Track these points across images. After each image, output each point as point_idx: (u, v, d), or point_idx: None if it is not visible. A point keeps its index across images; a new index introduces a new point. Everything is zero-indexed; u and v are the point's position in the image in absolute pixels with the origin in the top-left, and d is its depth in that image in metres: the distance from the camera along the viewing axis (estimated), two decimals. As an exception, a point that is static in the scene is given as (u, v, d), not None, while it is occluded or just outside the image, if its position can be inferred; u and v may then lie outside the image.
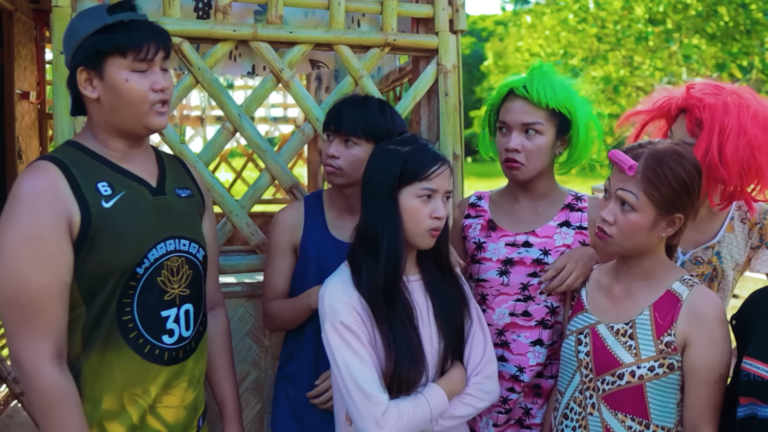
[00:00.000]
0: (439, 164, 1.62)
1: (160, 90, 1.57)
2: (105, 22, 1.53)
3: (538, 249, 1.94)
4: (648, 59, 10.85)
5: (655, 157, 1.60)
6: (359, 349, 1.58)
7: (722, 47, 10.22)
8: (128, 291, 1.57)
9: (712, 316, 1.59)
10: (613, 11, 10.88)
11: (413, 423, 1.57)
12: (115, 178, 1.59)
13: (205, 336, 1.79)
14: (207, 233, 1.81)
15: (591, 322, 1.74)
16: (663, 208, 1.60)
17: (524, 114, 1.89)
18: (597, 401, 1.68)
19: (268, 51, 2.21)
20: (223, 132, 2.22)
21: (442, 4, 2.40)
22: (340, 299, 1.62)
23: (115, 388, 1.58)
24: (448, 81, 2.42)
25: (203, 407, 1.81)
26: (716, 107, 1.83)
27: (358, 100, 1.94)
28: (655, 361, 1.62)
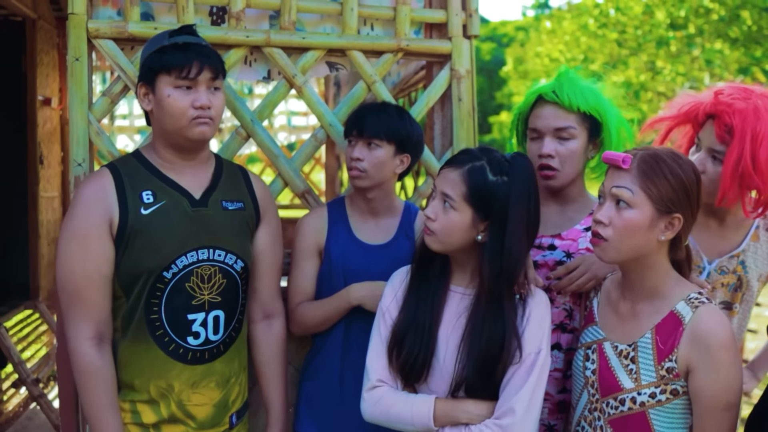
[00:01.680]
0: (447, 165, 1.63)
1: (199, 107, 1.72)
2: (162, 44, 1.74)
3: (562, 251, 1.93)
4: (670, 64, 10.73)
5: (650, 153, 1.56)
6: (382, 330, 1.70)
7: (745, 51, 10.08)
8: (156, 292, 1.73)
9: (715, 341, 1.49)
10: (634, 16, 10.79)
11: (390, 414, 1.62)
12: (160, 188, 1.77)
13: (238, 341, 1.89)
14: (261, 244, 1.94)
15: (599, 338, 1.69)
16: (661, 205, 1.53)
17: (556, 119, 1.89)
18: (605, 425, 1.63)
19: (281, 57, 2.22)
20: (236, 137, 2.23)
21: (456, 10, 2.39)
22: (391, 283, 1.76)
23: (143, 376, 1.76)
24: (461, 86, 2.41)
25: (240, 405, 1.91)
26: (747, 112, 1.77)
27: (378, 106, 2.02)
28: (656, 387, 1.55)
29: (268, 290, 1.98)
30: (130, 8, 2.09)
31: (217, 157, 1.93)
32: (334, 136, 2.27)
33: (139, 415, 1.76)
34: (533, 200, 1.59)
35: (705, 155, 1.85)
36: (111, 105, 2.11)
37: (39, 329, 4.75)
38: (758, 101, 1.80)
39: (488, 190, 1.55)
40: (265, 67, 2.30)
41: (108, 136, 2.11)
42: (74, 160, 2.03)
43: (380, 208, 2.05)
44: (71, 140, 2.05)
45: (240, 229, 1.86)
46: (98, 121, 2.08)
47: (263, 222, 1.94)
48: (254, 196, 1.92)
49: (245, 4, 2.19)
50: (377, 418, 1.65)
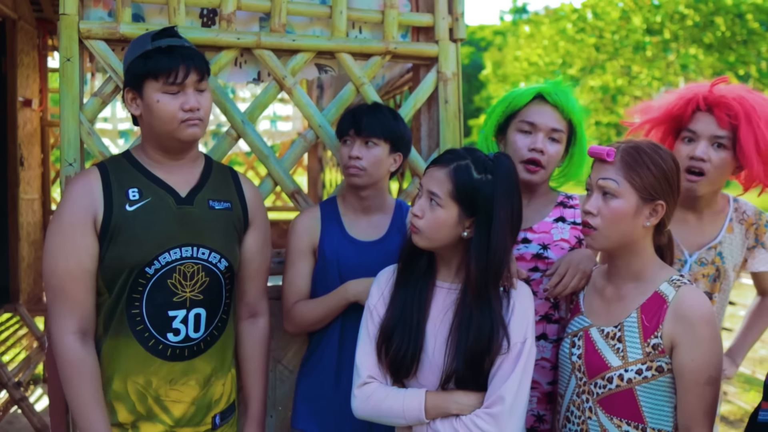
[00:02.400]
0: (432, 165, 1.69)
1: (189, 110, 1.73)
2: (145, 48, 1.74)
3: (537, 244, 2.00)
4: (646, 69, 10.92)
5: (632, 145, 1.65)
6: (370, 327, 1.73)
7: (719, 57, 10.29)
8: (137, 288, 1.75)
9: (697, 317, 1.57)
10: (611, 21, 10.96)
11: (382, 409, 1.65)
12: (147, 186, 1.79)
13: (221, 340, 1.89)
14: (251, 247, 1.95)
15: (585, 325, 1.76)
16: (644, 193, 1.62)
17: (554, 120, 1.99)
18: (593, 405, 1.69)
19: (271, 58, 2.25)
20: (226, 138, 2.26)
21: (442, 14, 2.44)
22: (377, 283, 1.80)
23: (122, 372, 1.77)
24: (448, 88, 2.45)
25: (225, 407, 1.91)
26: (740, 98, 1.93)
27: (372, 106, 2.07)
28: (642, 364, 1.61)
29: (256, 292, 2.01)
30: (121, 9, 2.11)
31: (206, 157, 1.95)
32: (324, 137, 2.30)
33: (115, 413, 1.76)
34: (516, 197, 1.66)
35: (707, 145, 1.96)
36: (102, 105, 2.13)
37: (19, 332, 4.71)
38: (736, 90, 1.96)
39: (473, 187, 1.61)
40: (255, 69, 2.33)
41: (99, 136, 2.12)
42: (65, 159, 2.04)
43: (373, 206, 2.10)
44: (62, 140, 2.06)
45: (226, 228, 1.87)
46: (90, 121, 2.09)
47: (253, 226, 1.95)
48: (243, 197, 1.94)
49: (236, 7, 2.21)
50: (368, 413, 1.68)
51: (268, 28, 2.29)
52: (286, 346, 2.28)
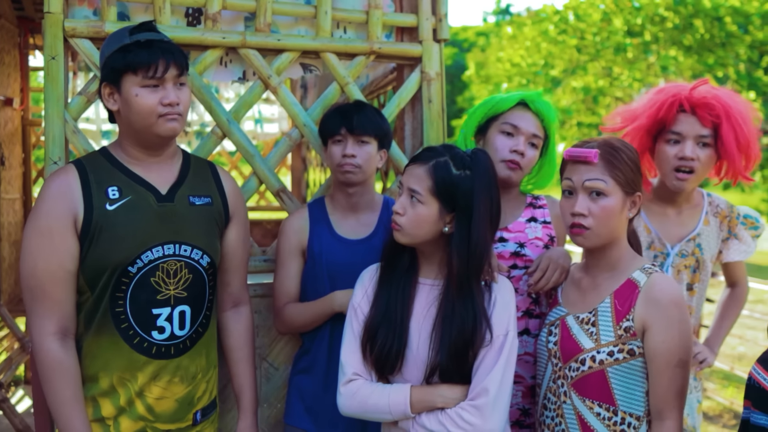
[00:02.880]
0: (412, 162, 1.72)
1: (168, 104, 1.72)
2: (123, 42, 1.71)
3: (514, 243, 2.06)
4: (627, 70, 11.03)
5: (607, 144, 1.72)
6: (354, 325, 1.75)
7: (698, 59, 10.42)
8: (121, 286, 1.74)
9: (667, 300, 1.64)
10: (593, 23, 11.06)
11: (368, 405, 1.67)
12: (126, 184, 1.77)
13: (205, 336, 1.90)
14: (233, 241, 1.96)
15: (561, 314, 1.81)
16: (628, 187, 1.70)
17: (534, 127, 2.06)
18: (568, 389, 1.73)
19: (256, 58, 2.26)
20: (211, 137, 2.26)
21: (426, 14, 2.46)
22: (361, 282, 1.82)
23: (108, 369, 1.76)
24: (431, 88, 2.48)
25: (206, 403, 1.91)
26: (718, 96, 2.05)
27: (358, 105, 2.10)
28: (614, 346, 1.67)
29: (239, 283, 2.03)
30: (106, 8, 2.11)
31: (184, 152, 1.94)
32: (309, 136, 2.32)
33: (99, 408, 1.75)
34: (495, 192, 1.69)
35: (693, 144, 2.08)
36: (87, 104, 2.13)
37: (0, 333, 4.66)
38: (712, 90, 2.07)
39: (453, 183, 1.64)
40: (240, 68, 2.34)
41: (84, 135, 2.12)
42: (50, 158, 2.04)
43: (362, 203, 2.12)
44: (46, 138, 2.06)
45: (207, 224, 1.87)
46: (74, 119, 2.09)
47: (234, 219, 1.96)
48: (223, 192, 1.94)
49: (221, 6, 2.23)
50: (354, 410, 1.70)
51: (253, 27, 2.30)
52: (272, 344, 2.30)
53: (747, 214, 2.30)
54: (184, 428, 1.85)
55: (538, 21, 12.81)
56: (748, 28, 10.15)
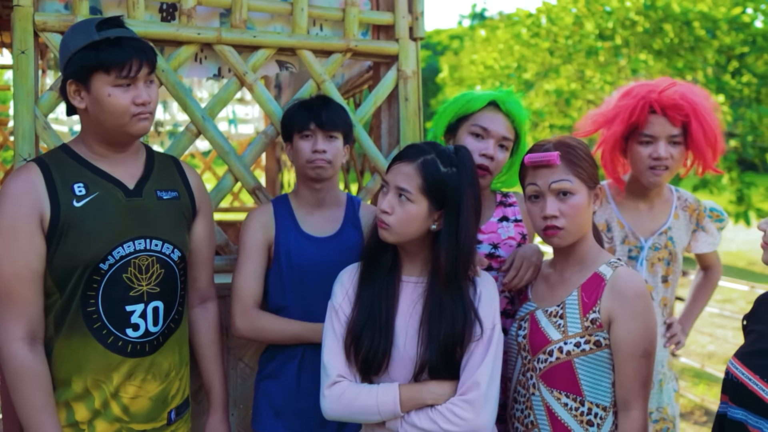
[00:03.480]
0: (398, 161, 1.69)
1: (141, 104, 1.69)
2: (92, 38, 1.65)
3: (488, 244, 2.06)
4: (598, 73, 11.14)
5: (562, 143, 1.76)
6: (336, 327, 1.71)
7: (668, 63, 10.57)
8: (92, 285, 1.70)
9: (632, 292, 1.67)
10: (565, 26, 11.16)
11: (355, 406, 1.64)
12: (92, 180, 1.73)
13: (177, 332, 1.87)
14: (199, 234, 1.94)
15: (531, 309, 1.84)
16: (590, 182, 1.75)
17: (505, 128, 2.04)
18: (536, 381, 1.75)
19: (232, 54, 2.24)
20: (186, 134, 2.24)
21: (402, 12, 2.46)
22: (340, 281, 1.78)
23: (82, 372, 1.71)
24: (408, 86, 2.48)
25: (180, 402, 1.89)
26: (685, 95, 2.12)
27: (323, 100, 2.08)
28: (581, 338, 1.69)
29: (207, 278, 2.01)
30: (78, 2, 2.07)
31: (147, 147, 1.90)
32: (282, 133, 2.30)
33: (73, 413, 1.72)
34: (477, 187, 1.71)
35: (666, 144, 2.15)
36: (58, 100, 2.09)
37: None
38: (680, 88, 2.14)
39: (442, 180, 1.64)
40: (215, 65, 2.32)
41: (54, 131, 2.07)
42: (19, 154, 2.00)
43: (328, 199, 2.10)
44: (16, 135, 2.01)
45: (176, 218, 1.85)
46: (45, 115, 2.05)
47: (200, 213, 1.94)
48: (189, 185, 1.92)
49: (196, 2, 2.20)
50: (340, 413, 1.66)
51: (228, 23, 2.28)
52: (247, 344, 2.27)
53: (712, 207, 2.40)
54: (159, 428, 1.83)
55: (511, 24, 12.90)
56: (716, 33, 10.33)
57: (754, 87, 10.23)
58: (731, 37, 10.43)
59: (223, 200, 2.35)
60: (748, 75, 10.43)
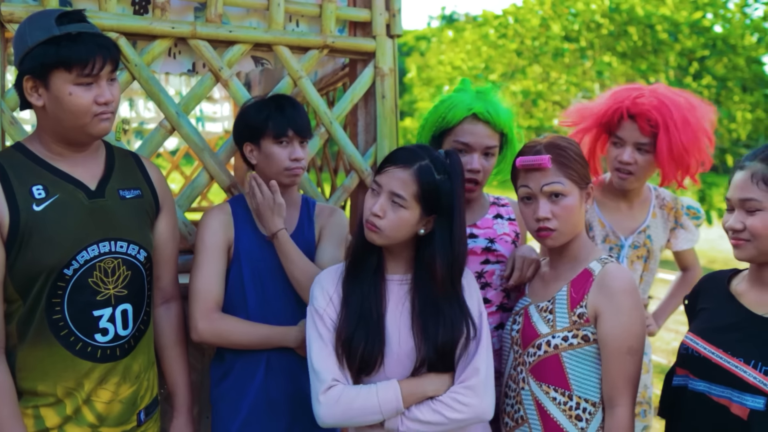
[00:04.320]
0: (391, 163, 1.66)
1: (104, 103, 1.61)
2: (52, 33, 1.56)
3: (484, 239, 2.07)
4: (564, 74, 11.29)
5: (552, 145, 1.76)
6: (323, 331, 1.67)
7: (632, 65, 10.76)
8: (57, 291, 1.62)
9: (619, 288, 1.68)
10: (531, 28, 11.27)
11: (354, 409, 1.60)
12: (52, 182, 1.64)
13: (147, 334, 1.83)
14: (162, 231, 1.87)
15: (525, 304, 1.86)
16: (582, 182, 1.76)
17: (487, 138, 2.02)
18: (526, 375, 1.76)
19: (207, 49, 2.19)
20: (159, 130, 2.18)
21: (379, 9, 2.45)
22: (320, 285, 1.73)
23: (49, 379, 1.65)
24: (385, 84, 2.46)
25: (149, 402, 1.84)
26: (660, 107, 2.12)
27: (289, 102, 2.01)
28: (569, 332, 1.71)
29: (170, 276, 1.94)
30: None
31: (106, 144, 1.83)
32: None
33: (42, 420, 1.65)
34: (464, 192, 1.74)
35: (632, 149, 2.18)
36: (26, 94, 2.01)
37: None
38: (661, 97, 2.14)
39: (437, 188, 1.64)
40: (189, 60, 2.27)
41: (22, 126, 2.01)
42: (-14, 150, 1.92)
43: (289, 202, 2.04)
44: (-18, 130, 1.94)
45: (140, 217, 1.79)
46: (11, 110, 1.98)
47: (163, 210, 1.88)
48: (151, 182, 1.85)
49: (170, -5, 2.15)
50: (338, 417, 1.61)
51: (203, 18, 2.23)
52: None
53: (690, 205, 2.44)
54: (130, 430, 1.78)
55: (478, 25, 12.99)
56: (678, 37, 10.54)
57: (714, 89, 10.47)
58: (692, 40, 10.65)
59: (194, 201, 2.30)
60: (708, 77, 10.67)
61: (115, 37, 2.04)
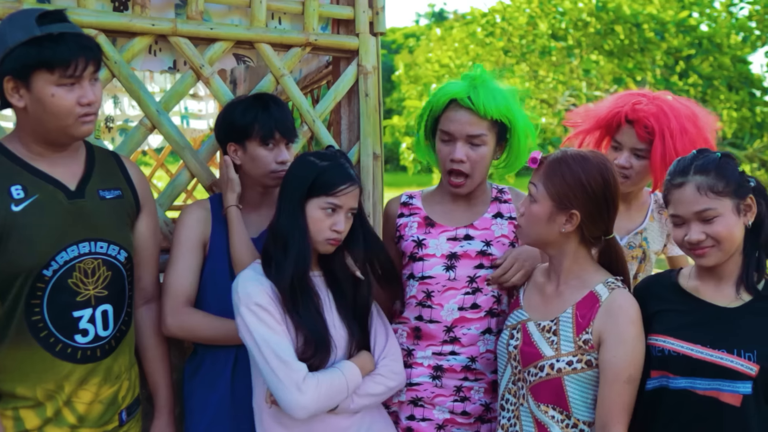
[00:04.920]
0: (348, 184, 1.75)
1: (87, 104, 1.60)
2: (33, 34, 1.53)
3: (480, 241, 2.01)
4: (551, 73, 11.34)
5: (558, 156, 1.75)
6: (275, 325, 1.69)
7: (619, 63, 10.82)
8: (36, 292, 1.61)
9: (624, 318, 1.67)
10: (519, 26, 11.29)
11: (331, 391, 1.68)
12: (31, 182, 1.63)
13: (128, 334, 1.82)
14: (143, 232, 1.86)
15: (523, 319, 1.82)
16: (557, 201, 1.70)
17: (469, 126, 1.93)
18: (526, 392, 1.75)
19: (188, 47, 2.17)
20: (140, 128, 2.16)
21: (363, 7, 2.43)
22: (254, 284, 1.73)
23: (28, 381, 1.63)
24: (368, 82, 2.45)
25: (130, 401, 1.84)
26: (658, 115, 2.14)
27: (275, 102, 2.01)
28: (573, 356, 1.69)
29: (151, 277, 1.94)
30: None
31: (86, 143, 1.81)
32: None
33: (22, 422, 1.64)
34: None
35: (629, 154, 2.20)
36: (3, 91, 1.99)
37: None
38: (661, 104, 2.17)
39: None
40: (170, 57, 2.25)
41: (2, 126, 1.98)
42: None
43: (269, 201, 2.04)
44: (-42, 128, 1.91)
45: (119, 218, 1.78)
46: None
47: (144, 210, 1.87)
48: (131, 182, 1.84)
49: (150, -9, 2.13)
50: (321, 403, 1.67)
51: (184, 15, 2.21)
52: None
53: None
54: (111, 430, 1.78)
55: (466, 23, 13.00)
56: (665, 35, 10.60)
57: (700, 88, 10.55)
58: (678, 39, 10.71)
59: (176, 199, 2.29)
60: (694, 76, 10.74)
61: (94, 34, 2.01)
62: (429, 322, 1.99)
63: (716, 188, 1.63)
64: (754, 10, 10.73)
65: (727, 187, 1.64)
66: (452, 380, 1.99)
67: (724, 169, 1.65)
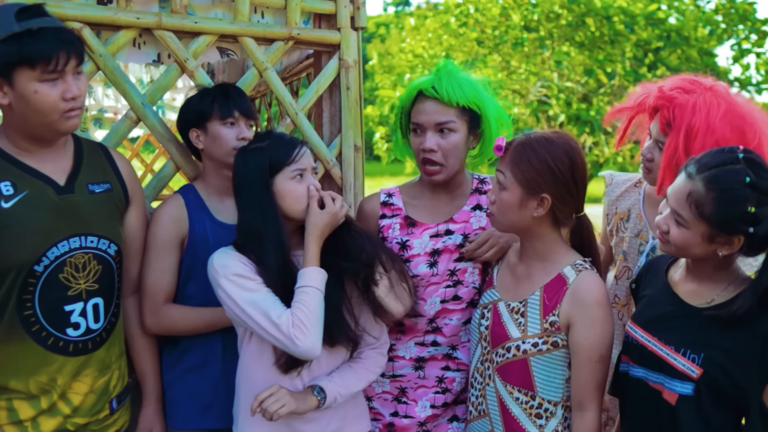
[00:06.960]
0: (299, 146, 1.80)
1: (71, 98, 1.59)
2: (12, 30, 1.51)
3: (459, 234, 2.03)
4: (524, 64, 11.47)
5: (523, 140, 1.74)
6: (256, 287, 1.70)
7: (589, 55, 10.99)
8: (27, 287, 1.63)
9: (592, 300, 1.70)
10: (492, 17, 11.40)
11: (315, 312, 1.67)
12: (20, 177, 1.63)
13: (117, 325, 1.85)
14: (132, 224, 1.88)
15: (495, 299, 1.87)
16: (527, 186, 1.71)
17: (436, 114, 1.94)
18: (492, 373, 1.81)
19: (172, 40, 2.19)
20: (125, 121, 2.18)
21: (344, 2, 2.47)
22: (229, 256, 1.74)
23: (21, 375, 1.65)
24: (349, 75, 2.50)
25: (120, 390, 1.87)
26: (685, 107, 1.89)
27: (231, 87, 2.08)
28: (539, 338, 1.74)
29: (138, 268, 1.97)
30: None
31: (74, 136, 1.82)
32: None
33: (15, 412, 1.67)
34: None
35: (653, 145, 1.99)
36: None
37: None
38: (699, 96, 1.91)
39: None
40: (155, 51, 2.27)
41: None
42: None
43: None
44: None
45: (110, 211, 1.80)
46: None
47: (133, 203, 1.89)
48: (120, 175, 1.86)
49: (134, -15, 2.14)
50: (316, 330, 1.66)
51: (168, 8, 2.23)
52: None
53: None
54: (102, 419, 1.81)
55: (438, 13, 13.07)
56: (634, 28, 10.79)
57: (668, 80, 10.76)
58: (648, 32, 10.90)
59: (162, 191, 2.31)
60: (662, 68, 10.94)
61: (79, 27, 2.02)
62: (413, 317, 2.01)
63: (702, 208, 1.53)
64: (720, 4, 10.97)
65: (714, 216, 1.52)
66: (434, 369, 2.03)
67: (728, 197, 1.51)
